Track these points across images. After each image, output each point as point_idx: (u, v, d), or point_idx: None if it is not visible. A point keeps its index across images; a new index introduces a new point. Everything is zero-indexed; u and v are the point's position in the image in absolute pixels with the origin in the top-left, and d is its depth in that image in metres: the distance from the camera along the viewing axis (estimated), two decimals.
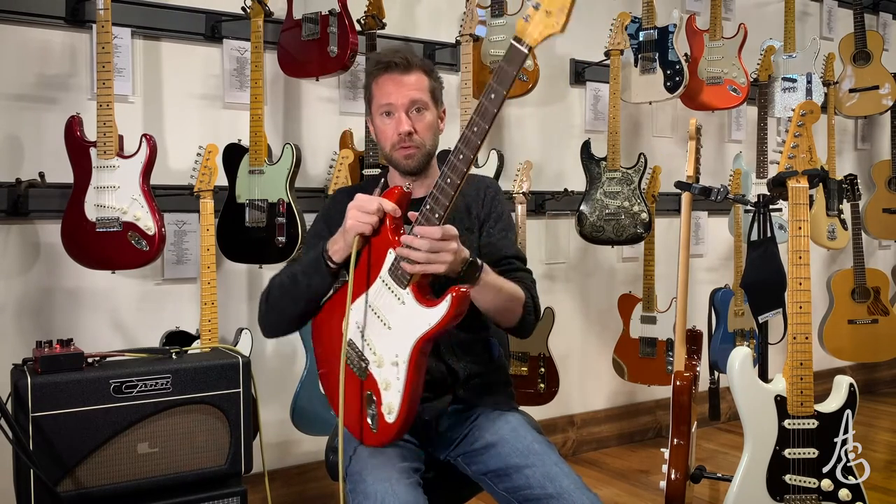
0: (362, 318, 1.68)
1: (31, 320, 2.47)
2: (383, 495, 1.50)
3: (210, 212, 2.43)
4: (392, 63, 1.77)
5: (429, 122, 1.79)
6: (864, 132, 4.66)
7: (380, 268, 1.63)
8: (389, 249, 1.60)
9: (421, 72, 1.79)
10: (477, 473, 1.73)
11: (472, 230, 1.83)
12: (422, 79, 1.79)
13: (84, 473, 1.86)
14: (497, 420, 1.76)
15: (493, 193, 1.88)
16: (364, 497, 1.52)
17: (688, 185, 2.46)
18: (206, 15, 2.70)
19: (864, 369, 4.59)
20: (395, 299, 1.60)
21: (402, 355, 1.57)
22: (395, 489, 1.51)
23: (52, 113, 2.46)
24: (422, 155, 1.79)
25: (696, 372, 2.97)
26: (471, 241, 1.80)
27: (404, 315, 1.58)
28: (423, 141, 1.79)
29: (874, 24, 4.56)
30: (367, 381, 1.66)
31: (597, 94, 3.59)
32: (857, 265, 4.03)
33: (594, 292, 3.65)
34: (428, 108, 1.79)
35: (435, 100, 1.82)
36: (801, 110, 2.03)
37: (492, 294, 1.66)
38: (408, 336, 1.56)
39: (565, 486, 1.57)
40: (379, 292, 1.64)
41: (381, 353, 1.62)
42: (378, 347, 1.63)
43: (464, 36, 2.94)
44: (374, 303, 1.65)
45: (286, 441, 2.85)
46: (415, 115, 1.78)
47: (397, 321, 1.59)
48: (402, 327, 1.58)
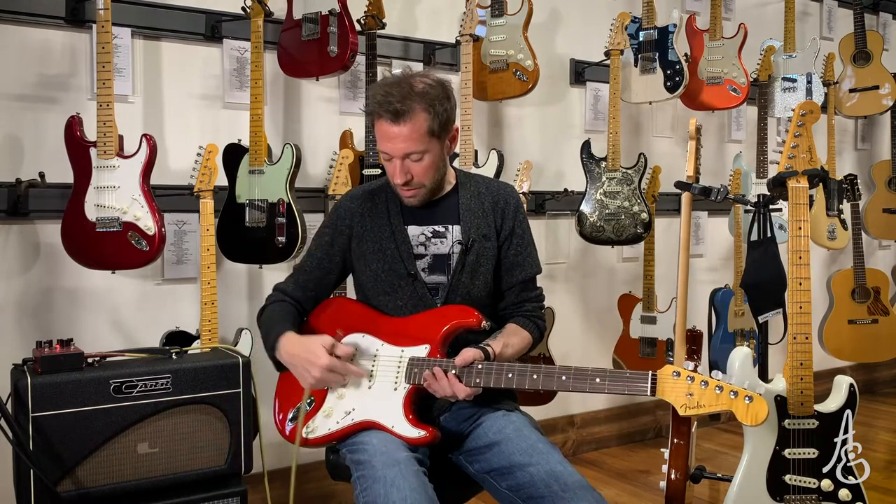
0: (364, 350, 1.79)
1: (31, 320, 2.47)
2: (393, 478, 1.54)
3: (210, 212, 2.43)
4: (384, 112, 1.70)
5: (426, 166, 1.76)
6: (864, 132, 4.66)
7: (409, 340, 1.75)
8: (415, 352, 1.72)
9: (417, 115, 1.69)
10: (479, 472, 1.73)
11: (490, 238, 1.86)
12: (416, 125, 1.70)
13: (84, 473, 1.86)
14: (500, 419, 1.76)
15: (514, 206, 1.89)
16: (373, 481, 1.55)
17: (688, 185, 2.46)
18: (206, 15, 2.70)
19: (864, 369, 4.59)
20: (393, 376, 1.72)
21: (356, 417, 1.73)
22: (403, 473, 1.55)
23: (52, 113, 2.46)
24: (424, 193, 1.82)
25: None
26: (486, 248, 1.84)
27: (389, 399, 1.71)
28: (422, 182, 1.79)
29: (874, 24, 4.56)
30: (318, 392, 1.80)
31: (597, 94, 3.59)
32: (857, 265, 4.03)
33: (594, 292, 3.65)
34: (425, 153, 1.74)
35: (437, 136, 1.74)
36: (801, 110, 2.03)
37: (503, 359, 1.76)
38: (374, 413, 1.71)
39: (570, 485, 1.58)
40: (390, 358, 1.75)
41: (347, 398, 1.75)
42: (349, 391, 1.76)
43: (464, 36, 2.94)
44: (382, 355, 1.76)
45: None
46: (410, 163, 1.75)
47: (379, 394, 1.72)
48: (376, 403, 1.72)
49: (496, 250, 1.87)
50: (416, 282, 1.84)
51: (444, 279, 1.85)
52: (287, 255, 2.58)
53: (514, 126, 3.40)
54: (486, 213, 1.86)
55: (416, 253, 1.86)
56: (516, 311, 1.91)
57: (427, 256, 1.86)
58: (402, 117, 1.69)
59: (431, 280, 1.86)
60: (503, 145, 3.34)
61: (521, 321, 1.88)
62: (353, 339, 1.80)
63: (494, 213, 1.87)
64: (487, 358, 1.69)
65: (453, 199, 1.88)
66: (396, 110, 1.68)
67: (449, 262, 1.85)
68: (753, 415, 1.44)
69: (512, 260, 1.88)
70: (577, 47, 3.53)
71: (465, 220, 1.85)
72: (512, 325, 1.86)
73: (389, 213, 1.88)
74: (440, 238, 1.85)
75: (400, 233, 1.86)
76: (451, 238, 1.85)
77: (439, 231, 1.86)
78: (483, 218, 1.86)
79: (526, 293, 1.91)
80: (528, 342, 1.85)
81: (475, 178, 1.94)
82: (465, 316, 1.72)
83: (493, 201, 1.88)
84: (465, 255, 1.83)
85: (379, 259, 1.86)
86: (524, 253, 1.90)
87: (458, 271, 1.83)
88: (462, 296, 1.83)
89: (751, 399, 1.44)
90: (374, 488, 1.54)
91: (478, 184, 1.92)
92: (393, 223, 1.87)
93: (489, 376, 1.62)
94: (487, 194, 1.89)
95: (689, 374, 1.46)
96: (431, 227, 1.86)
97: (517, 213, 1.89)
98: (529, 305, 1.91)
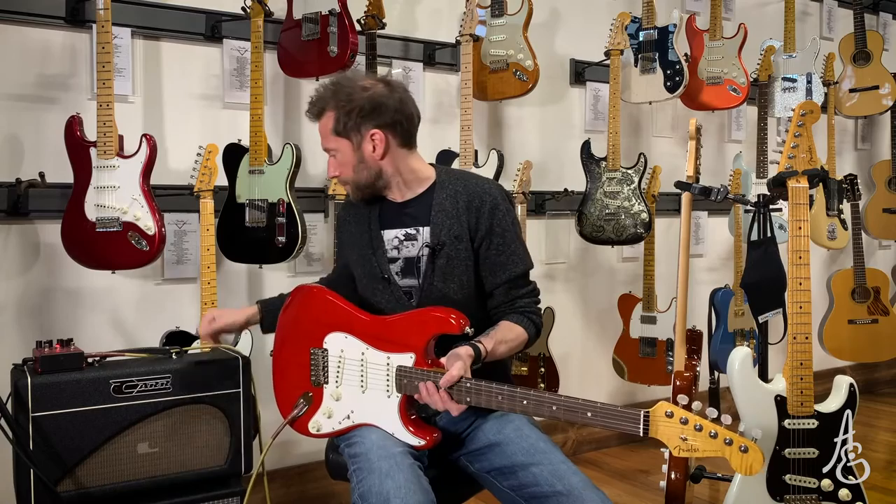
0: (349, 353, 1.78)
1: (31, 320, 2.47)
2: (388, 469, 1.56)
3: (210, 212, 2.43)
4: (309, 111, 1.84)
5: (340, 162, 1.83)
6: (864, 132, 4.66)
7: (393, 346, 1.73)
8: (401, 360, 1.71)
9: (327, 114, 1.80)
10: (480, 471, 1.74)
11: (462, 239, 1.80)
12: (325, 124, 1.81)
13: (84, 473, 1.86)
14: (500, 419, 1.76)
15: (491, 205, 1.81)
16: (369, 472, 1.58)
17: (688, 185, 2.46)
18: (206, 15, 2.70)
19: (864, 369, 4.59)
20: (384, 383, 1.72)
21: (356, 419, 1.75)
22: (399, 465, 1.58)
23: (52, 113, 2.46)
24: (354, 188, 1.86)
25: (696, 372, 2.98)
26: (458, 249, 1.80)
27: (384, 405, 1.72)
28: (345, 178, 1.85)
29: (874, 24, 4.56)
30: (315, 389, 1.81)
31: (597, 94, 3.59)
32: (857, 265, 4.03)
33: (594, 292, 3.65)
34: (338, 149, 1.82)
35: (343, 136, 1.80)
36: (801, 110, 2.03)
37: (497, 356, 1.76)
38: (373, 418, 1.73)
39: (574, 484, 1.58)
40: (377, 363, 1.74)
41: (344, 399, 1.78)
42: (345, 394, 1.78)
43: (464, 36, 2.94)
44: (369, 361, 1.75)
45: (286, 441, 2.85)
46: (331, 160, 1.85)
47: (373, 399, 1.74)
48: (372, 405, 1.74)
49: (472, 251, 1.81)
50: (391, 285, 1.83)
51: (416, 282, 1.83)
52: (287, 255, 2.58)
53: (514, 126, 3.40)
54: (460, 213, 1.80)
55: (389, 256, 1.85)
56: (509, 309, 1.85)
57: (399, 260, 1.85)
58: (320, 115, 1.82)
59: (405, 283, 1.84)
60: (503, 145, 3.34)
61: (515, 318, 1.82)
62: (336, 339, 1.79)
63: (469, 213, 1.80)
64: (478, 356, 1.67)
65: (428, 199, 1.84)
66: (313, 107, 1.83)
67: (419, 266, 1.82)
68: (748, 466, 1.38)
69: (494, 260, 1.82)
70: (577, 47, 3.53)
71: (435, 222, 1.81)
72: (505, 322, 1.81)
73: (370, 217, 1.89)
74: (411, 240, 1.84)
75: (377, 237, 1.86)
76: (421, 240, 1.82)
77: (411, 234, 1.84)
78: (456, 218, 1.80)
79: (516, 290, 1.84)
80: (522, 338, 1.81)
81: (456, 177, 1.87)
82: (446, 324, 1.66)
83: (468, 200, 1.81)
84: (434, 259, 1.79)
85: (361, 264, 1.89)
86: (507, 252, 1.82)
87: (428, 275, 1.80)
88: (437, 299, 1.79)
89: (745, 449, 1.38)
90: (369, 479, 1.56)
91: (456, 182, 1.85)
92: (372, 228, 1.88)
93: (479, 396, 1.59)
94: (463, 193, 1.82)
95: (682, 416, 1.41)
96: (404, 230, 1.84)
97: (494, 212, 1.81)
98: (522, 301, 1.85)
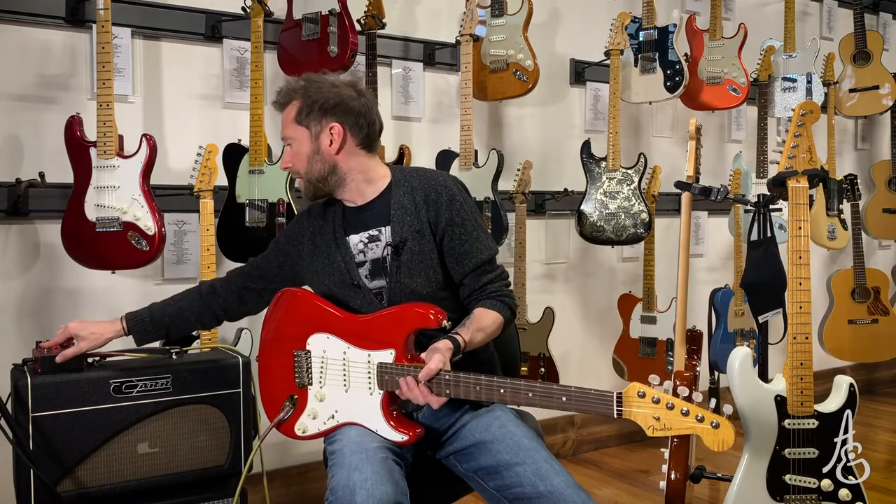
0: (332, 353, 1.79)
1: (31, 320, 2.47)
2: (357, 463, 1.58)
3: (210, 212, 2.43)
4: (276, 101, 1.87)
5: (295, 152, 1.85)
6: (864, 132, 4.66)
7: (374, 344, 1.74)
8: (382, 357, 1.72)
9: (292, 104, 1.83)
10: (468, 472, 1.74)
11: (423, 233, 1.81)
12: (290, 110, 1.83)
13: (84, 473, 1.86)
14: (485, 416, 1.77)
15: (448, 197, 1.82)
16: (340, 467, 1.60)
17: (688, 185, 2.46)
18: (206, 15, 2.70)
19: (864, 369, 4.59)
20: (366, 381, 1.73)
21: (341, 418, 1.76)
22: (369, 459, 1.59)
23: (52, 113, 2.46)
24: (306, 182, 1.88)
25: (696, 372, 2.98)
26: (421, 244, 1.81)
27: (367, 402, 1.73)
28: (298, 170, 1.87)
29: (874, 24, 4.56)
30: (300, 391, 1.82)
31: (597, 94, 3.59)
32: (857, 265, 4.03)
33: (594, 292, 3.65)
34: (295, 137, 1.84)
35: (305, 122, 1.82)
36: (801, 110, 2.03)
37: (476, 345, 1.76)
38: (356, 416, 1.74)
39: (556, 485, 1.58)
40: (359, 361, 1.75)
41: (328, 399, 1.78)
42: (328, 394, 1.78)
43: (464, 36, 2.95)
44: (351, 360, 1.76)
45: (286, 441, 2.83)
46: (287, 149, 1.87)
47: (356, 396, 1.74)
48: (355, 404, 1.74)
49: (434, 245, 1.82)
50: (362, 290, 1.83)
51: (384, 283, 1.83)
52: None
53: (514, 126, 3.40)
54: (419, 208, 1.81)
55: (357, 261, 1.85)
56: (481, 295, 1.85)
57: (367, 263, 1.85)
58: (283, 107, 1.85)
59: (374, 286, 1.84)
60: (503, 145, 3.34)
61: (488, 303, 1.82)
62: (318, 340, 1.79)
63: (427, 207, 1.81)
64: (458, 348, 1.67)
65: (386, 198, 1.85)
66: (279, 99, 1.85)
67: (385, 266, 1.82)
68: (720, 441, 1.40)
69: (458, 249, 1.82)
70: (577, 47, 3.53)
71: (395, 220, 1.81)
72: (479, 310, 1.80)
73: (335, 225, 1.89)
74: (375, 242, 1.84)
75: (342, 244, 1.86)
76: (384, 240, 1.83)
77: (374, 235, 1.84)
78: (415, 214, 1.81)
79: (484, 276, 1.84)
80: (498, 323, 1.80)
81: (411, 174, 1.88)
82: (423, 319, 1.68)
83: (425, 195, 1.82)
84: (398, 256, 1.80)
85: (329, 273, 1.86)
86: (470, 240, 1.82)
87: (394, 273, 1.80)
88: (405, 295, 1.79)
89: (717, 425, 1.40)
90: (340, 473, 1.58)
91: (412, 179, 1.86)
92: (336, 235, 1.87)
93: (457, 388, 1.60)
94: (420, 188, 1.83)
95: (654, 395, 1.42)
96: (367, 233, 1.85)
97: (452, 203, 1.82)
98: (492, 286, 1.84)
